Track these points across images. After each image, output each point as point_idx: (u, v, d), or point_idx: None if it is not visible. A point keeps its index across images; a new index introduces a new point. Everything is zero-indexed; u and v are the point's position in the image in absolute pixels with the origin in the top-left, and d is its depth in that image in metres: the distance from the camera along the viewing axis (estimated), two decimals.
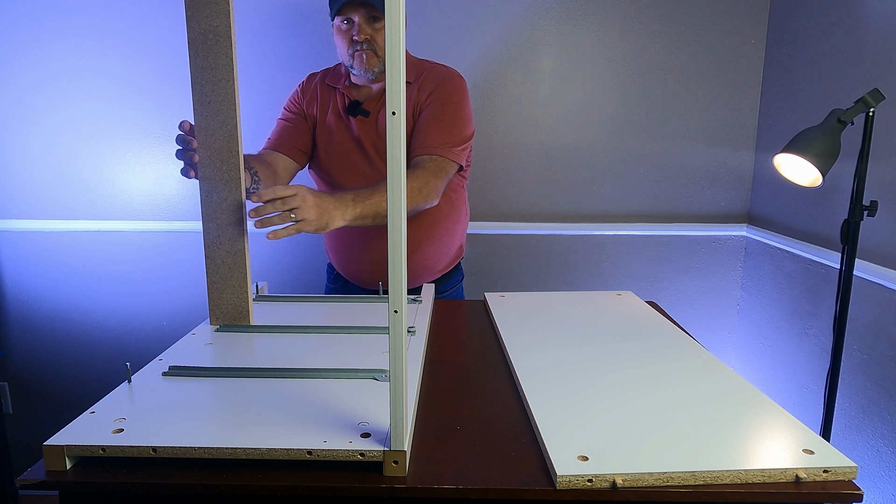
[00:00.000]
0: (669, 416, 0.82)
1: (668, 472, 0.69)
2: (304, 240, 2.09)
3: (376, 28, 1.40)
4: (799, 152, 1.31)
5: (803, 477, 0.69)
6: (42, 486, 0.70)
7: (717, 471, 0.69)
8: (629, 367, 0.98)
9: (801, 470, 0.70)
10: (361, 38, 1.38)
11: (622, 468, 0.69)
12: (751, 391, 0.90)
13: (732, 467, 0.70)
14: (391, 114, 0.64)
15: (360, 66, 1.41)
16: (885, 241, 1.47)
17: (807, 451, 0.73)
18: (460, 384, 0.96)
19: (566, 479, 0.68)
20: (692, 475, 0.69)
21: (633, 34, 1.98)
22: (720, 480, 0.69)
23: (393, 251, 0.67)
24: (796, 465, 0.70)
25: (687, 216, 2.10)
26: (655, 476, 0.69)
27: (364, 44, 1.39)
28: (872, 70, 1.51)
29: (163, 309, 2.13)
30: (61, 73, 1.96)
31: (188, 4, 1.03)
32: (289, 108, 1.56)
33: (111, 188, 2.05)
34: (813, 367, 1.75)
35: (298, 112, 1.54)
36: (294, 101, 1.56)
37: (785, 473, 0.69)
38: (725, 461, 0.71)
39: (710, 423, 0.80)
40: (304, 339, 1.08)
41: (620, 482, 0.68)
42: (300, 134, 1.53)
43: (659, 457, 0.72)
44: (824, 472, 0.70)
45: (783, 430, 0.78)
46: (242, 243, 1.11)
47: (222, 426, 0.76)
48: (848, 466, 0.70)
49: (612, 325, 1.18)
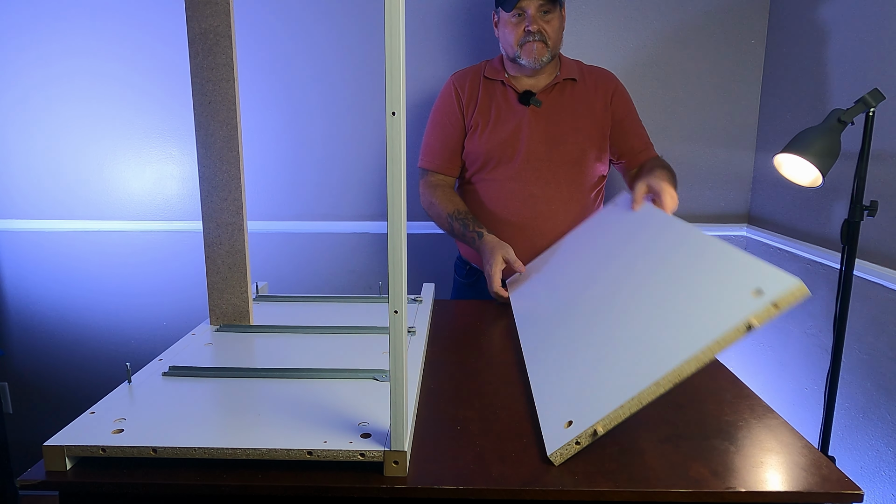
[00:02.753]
0: (629, 349, 0.84)
1: (635, 395, 0.72)
2: (304, 239, 2.09)
3: (547, 20, 1.46)
4: (799, 152, 1.31)
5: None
6: (42, 487, 0.70)
7: (679, 366, 0.71)
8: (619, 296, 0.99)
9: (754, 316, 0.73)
10: (534, 28, 1.44)
11: (599, 415, 0.72)
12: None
13: (691, 351, 0.72)
14: (391, 114, 0.64)
15: (530, 56, 1.47)
16: (885, 241, 1.47)
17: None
18: (460, 384, 0.96)
19: (557, 453, 0.72)
20: (656, 385, 0.72)
21: (632, 34, 1.98)
22: (683, 375, 0.71)
23: (393, 251, 0.67)
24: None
25: (687, 216, 2.10)
26: (627, 407, 0.72)
27: (537, 34, 1.45)
28: (872, 70, 1.51)
29: (163, 309, 2.13)
30: (61, 72, 1.96)
31: (188, 4, 1.03)
32: (449, 122, 1.59)
33: (111, 188, 2.05)
34: (813, 367, 1.75)
35: (457, 123, 1.59)
36: (450, 111, 1.59)
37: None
38: (681, 351, 0.73)
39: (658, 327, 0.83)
40: (304, 339, 1.08)
41: (601, 430, 0.71)
42: (459, 145, 1.60)
43: (625, 388, 0.74)
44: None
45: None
46: (242, 243, 1.11)
47: (222, 426, 0.76)
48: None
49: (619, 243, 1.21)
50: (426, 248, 2.06)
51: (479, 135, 1.55)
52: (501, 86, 1.56)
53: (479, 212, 1.57)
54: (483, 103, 1.56)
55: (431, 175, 1.61)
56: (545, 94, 1.54)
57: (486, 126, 1.54)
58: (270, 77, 1.98)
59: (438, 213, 1.56)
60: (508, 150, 1.53)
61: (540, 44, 1.46)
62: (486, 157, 1.55)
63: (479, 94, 1.56)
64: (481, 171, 1.57)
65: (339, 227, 2.08)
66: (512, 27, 1.47)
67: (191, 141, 2.01)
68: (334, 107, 2.01)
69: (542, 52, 1.47)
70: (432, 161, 1.60)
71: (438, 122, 1.60)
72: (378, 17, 1.95)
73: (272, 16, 1.95)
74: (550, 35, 1.46)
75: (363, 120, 2.02)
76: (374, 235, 2.09)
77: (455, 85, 1.59)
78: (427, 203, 1.60)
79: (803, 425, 1.77)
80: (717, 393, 0.93)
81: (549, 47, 1.47)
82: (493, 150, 1.54)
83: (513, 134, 1.53)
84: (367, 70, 1.98)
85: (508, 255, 1.37)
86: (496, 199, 1.56)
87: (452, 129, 1.58)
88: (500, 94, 1.56)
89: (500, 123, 1.54)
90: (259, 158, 2.03)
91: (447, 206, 1.54)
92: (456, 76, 1.61)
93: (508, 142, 1.53)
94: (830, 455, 1.53)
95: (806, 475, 0.71)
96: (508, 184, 1.54)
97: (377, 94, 2.00)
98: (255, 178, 2.04)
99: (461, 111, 1.58)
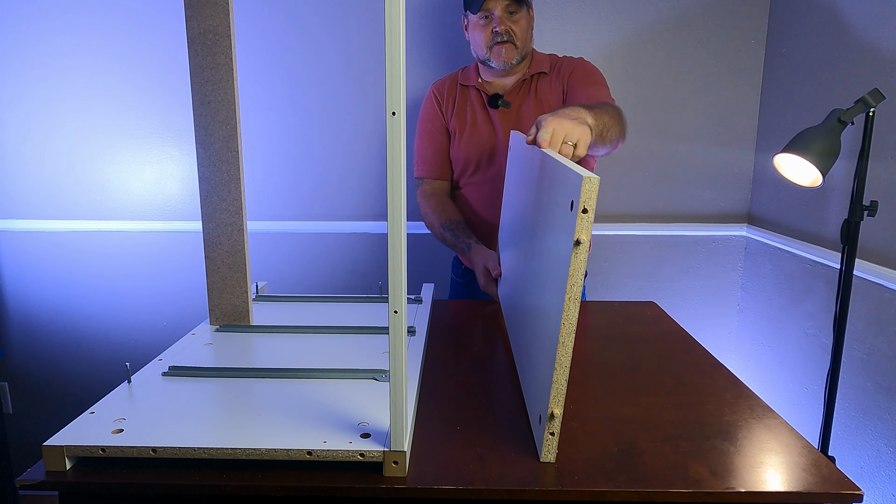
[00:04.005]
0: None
1: (555, 362, 0.71)
2: (304, 239, 2.09)
3: (514, 20, 1.46)
4: (799, 152, 1.31)
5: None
6: (42, 487, 0.70)
7: (563, 313, 0.70)
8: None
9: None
10: (502, 28, 1.45)
11: (547, 398, 0.73)
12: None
13: (561, 293, 0.70)
14: (391, 114, 0.64)
15: (499, 60, 1.48)
16: (885, 241, 1.47)
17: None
18: (460, 384, 0.96)
19: (544, 452, 0.73)
20: (562, 345, 0.71)
21: (632, 34, 1.98)
22: (572, 320, 0.70)
23: (393, 251, 0.67)
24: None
25: (687, 216, 2.10)
26: (557, 377, 0.71)
27: (504, 35, 1.46)
28: (872, 70, 1.51)
29: (163, 309, 2.13)
30: (61, 72, 1.96)
31: (188, 4, 1.03)
32: (435, 128, 1.61)
33: (111, 188, 2.05)
34: (813, 367, 1.75)
35: (442, 128, 1.61)
36: (434, 118, 1.61)
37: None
38: (556, 297, 0.72)
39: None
40: (304, 339, 1.08)
41: (557, 411, 0.72)
42: (447, 149, 1.61)
43: (548, 360, 0.74)
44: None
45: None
46: (242, 243, 1.11)
47: (222, 426, 0.76)
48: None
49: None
50: (425, 249, 2.06)
51: (458, 141, 1.58)
52: (475, 91, 1.58)
53: (467, 215, 1.60)
54: (459, 109, 1.59)
55: (426, 183, 1.63)
56: (514, 93, 1.55)
57: (462, 132, 1.57)
58: (270, 77, 1.98)
59: (432, 223, 1.59)
60: (485, 155, 1.56)
61: (509, 46, 1.47)
62: (465, 163, 1.58)
63: (455, 101, 1.59)
64: (464, 176, 1.61)
65: (339, 227, 2.08)
66: (480, 29, 1.49)
67: (191, 141, 2.01)
68: (334, 107, 2.01)
69: (511, 55, 1.48)
70: (426, 168, 1.62)
71: (426, 130, 1.62)
72: (378, 18, 1.95)
73: (272, 16, 1.95)
74: (518, 35, 1.47)
75: (363, 120, 2.02)
76: (373, 235, 2.09)
77: (435, 93, 1.62)
78: (423, 213, 1.62)
79: (803, 425, 1.77)
80: (717, 393, 0.93)
81: (517, 48, 1.48)
82: (471, 154, 1.57)
83: (488, 138, 1.55)
84: (367, 70, 1.98)
85: (489, 263, 1.37)
86: (478, 202, 1.59)
87: (440, 134, 1.61)
88: (474, 100, 1.58)
89: (476, 128, 1.56)
90: (259, 158, 2.03)
91: (440, 215, 1.56)
92: (435, 84, 1.65)
93: (485, 146, 1.55)
94: (830, 455, 1.53)
95: (806, 475, 0.71)
96: (487, 187, 1.57)
97: (377, 95, 2.00)
98: (255, 178, 2.04)
99: (444, 117, 1.61)
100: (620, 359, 1.07)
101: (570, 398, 0.90)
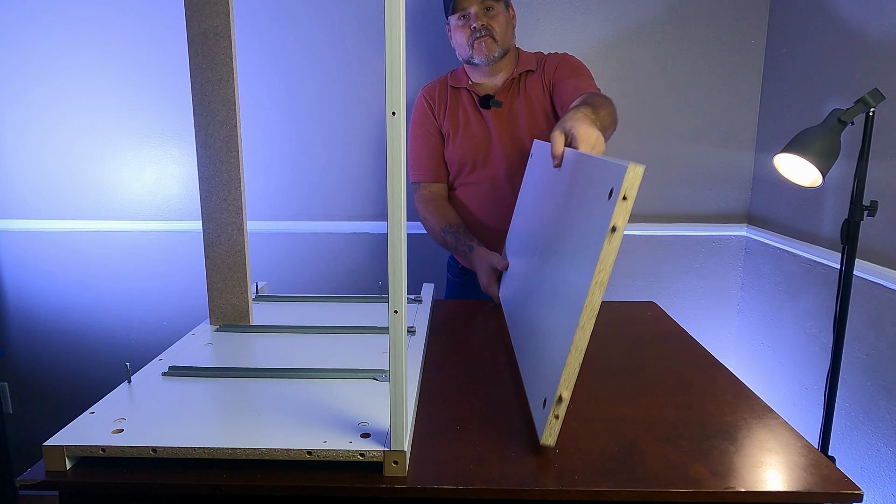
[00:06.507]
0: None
1: (571, 346, 0.72)
2: (304, 239, 2.09)
3: (491, 16, 1.49)
4: (799, 152, 1.31)
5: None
6: (42, 487, 0.70)
7: (587, 300, 0.70)
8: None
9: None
10: (479, 24, 1.47)
11: (558, 380, 0.73)
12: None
13: (587, 279, 0.70)
14: (391, 114, 0.64)
15: (481, 54, 1.49)
16: (885, 241, 1.47)
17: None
18: (460, 384, 0.96)
19: (545, 435, 0.74)
20: (581, 329, 0.71)
21: (632, 34, 1.98)
22: (595, 307, 0.70)
23: (393, 251, 0.67)
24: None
25: (687, 216, 2.10)
26: (571, 360, 0.72)
27: (482, 30, 1.47)
28: (872, 70, 1.51)
29: (163, 309, 2.13)
30: (61, 72, 1.96)
31: (188, 4, 1.03)
32: (428, 132, 1.62)
33: (111, 188, 2.05)
34: (813, 367, 1.75)
35: (435, 131, 1.62)
36: (427, 122, 1.62)
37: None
38: (582, 284, 0.72)
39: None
40: (304, 339, 1.08)
41: (566, 394, 0.72)
42: (442, 152, 1.62)
43: (564, 344, 0.75)
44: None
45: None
46: (242, 243, 1.11)
47: (222, 426, 0.76)
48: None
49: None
50: (423, 249, 2.06)
51: (453, 142, 1.59)
52: (466, 93, 1.59)
53: (464, 217, 1.60)
54: (452, 112, 1.59)
55: (424, 188, 1.63)
56: (504, 92, 1.56)
57: (456, 133, 1.58)
58: (270, 77, 1.98)
59: (432, 227, 1.59)
60: (480, 155, 1.56)
61: (488, 38, 1.48)
62: (461, 163, 1.59)
63: (447, 104, 1.60)
64: (459, 177, 1.61)
65: (339, 227, 2.08)
66: (460, 30, 1.52)
67: (191, 141, 2.01)
68: (334, 107, 2.01)
69: (492, 48, 1.49)
70: (422, 172, 1.63)
71: (420, 135, 1.62)
72: (378, 18, 1.95)
73: (272, 16, 1.95)
74: (497, 30, 1.49)
75: (363, 120, 2.02)
76: (373, 235, 2.09)
77: (426, 97, 1.63)
78: (422, 218, 1.62)
79: (803, 425, 1.77)
80: (717, 393, 0.93)
81: (497, 42, 1.49)
82: (467, 155, 1.57)
83: (483, 138, 1.56)
84: (367, 70, 1.98)
85: (495, 263, 1.38)
86: (474, 202, 1.60)
87: (434, 138, 1.61)
88: (466, 101, 1.59)
89: (470, 129, 1.57)
90: (259, 158, 2.03)
91: (440, 219, 1.56)
92: (425, 89, 1.65)
93: (479, 147, 1.56)
94: (830, 455, 1.53)
95: (806, 475, 0.71)
96: (482, 187, 1.58)
97: (377, 95, 2.00)
98: (255, 178, 2.04)
99: (437, 120, 1.61)
100: (620, 359, 1.07)
101: (571, 397, 0.90)
